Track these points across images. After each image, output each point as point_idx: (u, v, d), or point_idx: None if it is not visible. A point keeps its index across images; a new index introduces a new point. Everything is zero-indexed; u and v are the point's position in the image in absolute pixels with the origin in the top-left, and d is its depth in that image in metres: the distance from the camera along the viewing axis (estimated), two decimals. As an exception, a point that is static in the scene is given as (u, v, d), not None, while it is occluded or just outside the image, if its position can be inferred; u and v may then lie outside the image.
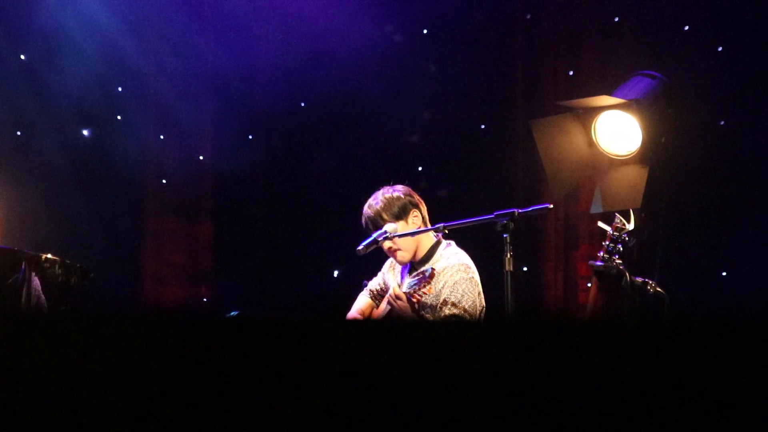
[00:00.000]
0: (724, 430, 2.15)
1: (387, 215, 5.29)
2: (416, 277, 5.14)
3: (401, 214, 5.31)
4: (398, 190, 5.40)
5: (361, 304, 5.62)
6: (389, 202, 5.33)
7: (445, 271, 5.20)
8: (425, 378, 2.20)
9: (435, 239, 5.37)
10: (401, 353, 2.22)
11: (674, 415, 2.16)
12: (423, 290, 5.10)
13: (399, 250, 5.31)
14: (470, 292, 5.15)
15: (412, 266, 5.38)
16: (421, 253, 5.34)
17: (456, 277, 5.16)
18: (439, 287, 5.17)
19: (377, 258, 5.60)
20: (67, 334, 2.34)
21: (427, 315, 5.16)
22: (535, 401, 2.18)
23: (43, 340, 2.33)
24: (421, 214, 5.38)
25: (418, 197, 5.44)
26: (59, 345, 2.31)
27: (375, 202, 5.37)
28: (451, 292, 5.13)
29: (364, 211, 5.38)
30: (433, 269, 5.11)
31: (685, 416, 2.16)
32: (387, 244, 5.27)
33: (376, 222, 5.29)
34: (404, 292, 5.14)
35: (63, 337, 2.33)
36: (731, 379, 2.16)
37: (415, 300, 5.10)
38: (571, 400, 2.18)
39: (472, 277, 5.19)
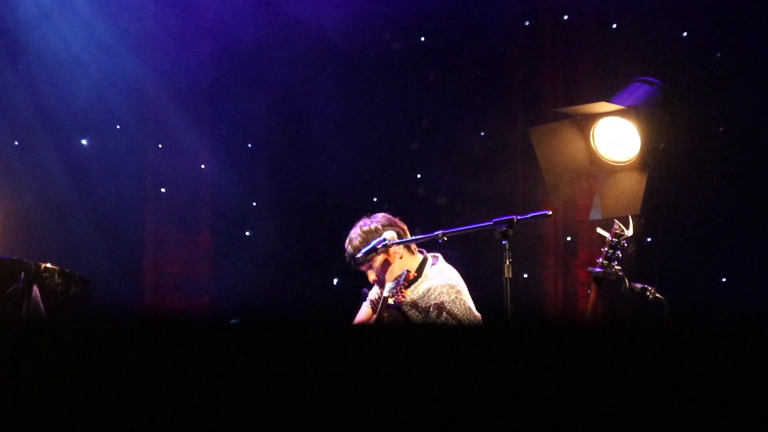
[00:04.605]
0: (723, 436, 2.15)
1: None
2: (395, 281, 5.14)
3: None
4: (377, 221, 5.34)
5: (363, 314, 5.62)
6: (366, 236, 5.28)
7: (430, 293, 5.18)
8: (423, 383, 2.20)
9: (421, 257, 5.34)
10: (400, 357, 2.23)
11: (674, 421, 2.16)
12: (399, 294, 5.08)
13: (376, 279, 5.33)
14: (459, 313, 5.13)
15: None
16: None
17: (439, 300, 5.14)
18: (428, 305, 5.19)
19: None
20: (67, 343, 2.34)
21: (415, 314, 5.17)
22: (535, 407, 2.18)
23: (43, 348, 2.33)
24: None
25: (399, 225, 5.34)
26: (59, 354, 2.31)
27: (354, 236, 5.32)
28: (439, 313, 5.14)
29: (345, 247, 5.35)
30: (408, 271, 5.09)
31: (684, 422, 2.16)
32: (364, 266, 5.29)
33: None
34: (384, 296, 5.14)
35: (63, 345, 2.33)
36: (731, 385, 2.17)
37: (390, 302, 5.10)
38: (570, 406, 2.18)
39: (456, 298, 5.16)
